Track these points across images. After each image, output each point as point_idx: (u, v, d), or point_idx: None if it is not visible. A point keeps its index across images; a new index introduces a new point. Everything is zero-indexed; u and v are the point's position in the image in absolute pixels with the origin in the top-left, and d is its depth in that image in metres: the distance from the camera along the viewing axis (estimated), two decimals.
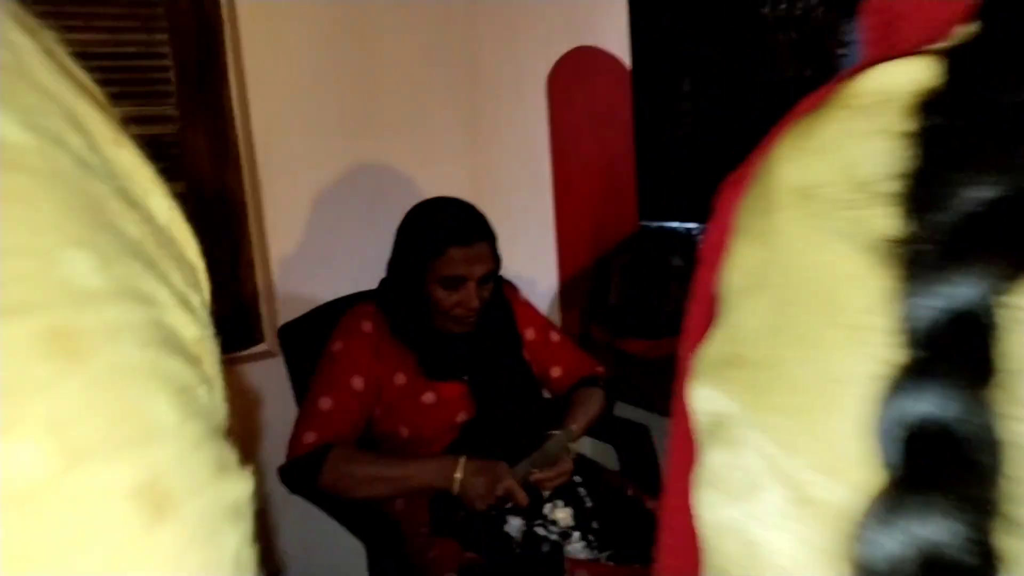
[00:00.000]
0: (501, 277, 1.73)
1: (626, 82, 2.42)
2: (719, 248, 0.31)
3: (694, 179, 4.58)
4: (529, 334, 1.80)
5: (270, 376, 1.88)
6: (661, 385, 1.97)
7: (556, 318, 2.28)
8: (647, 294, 2.13)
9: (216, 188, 1.91)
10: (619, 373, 2.07)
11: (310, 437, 1.52)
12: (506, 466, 1.51)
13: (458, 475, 1.49)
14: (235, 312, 1.96)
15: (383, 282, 1.71)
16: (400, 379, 1.62)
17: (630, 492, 1.66)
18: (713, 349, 0.30)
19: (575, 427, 1.64)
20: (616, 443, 1.82)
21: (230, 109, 1.89)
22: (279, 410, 1.76)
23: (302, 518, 1.84)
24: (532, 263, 2.25)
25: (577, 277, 2.33)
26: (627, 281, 2.15)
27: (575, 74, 2.28)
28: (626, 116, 2.44)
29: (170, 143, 1.86)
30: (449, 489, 1.50)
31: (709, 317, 0.32)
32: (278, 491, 1.57)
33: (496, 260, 1.63)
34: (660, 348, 2.08)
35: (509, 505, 1.50)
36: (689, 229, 2.42)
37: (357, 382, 1.58)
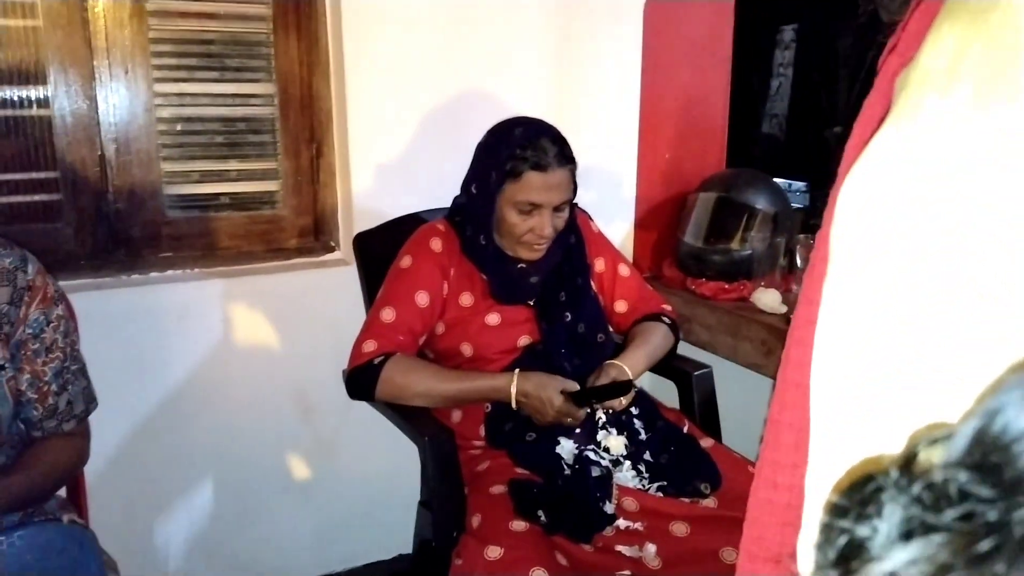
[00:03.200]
0: (575, 205, 1.71)
1: (729, 16, 2.32)
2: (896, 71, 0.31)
3: (790, 134, 4.41)
4: (599, 265, 1.78)
5: (343, 284, 1.92)
6: (729, 328, 1.94)
7: (629, 253, 2.25)
8: (726, 237, 2.07)
9: (304, 92, 1.93)
10: (687, 314, 2.03)
11: (370, 346, 1.56)
12: (560, 381, 1.52)
13: (513, 389, 1.50)
14: (313, 218, 2.01)
15: (456, 200, 1.71)
16: (466, 299, 1.63)
17: (685, 429, 1.64)
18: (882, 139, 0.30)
19: (636, 360, 1.63)
20: (677, 381, 1.80)
21: (323, 14, 1.89)
22: (350, 317, 1.79)
23: (363, 423, 1.91)
24: (610, 195, 2.21)
25: (654, 213, 2.28)
26: (707, 222, 2.09)
27: (672, 8, 2.19)
28: (724, 53, 2.34)
29: (261, 42, 1.88)
30: (506, 402, 1.52)
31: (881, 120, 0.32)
32: (342, 396, 1.61)
33: (573, 188, 1.60)
34: (731, 292, 2.03)
35: (569, 421, 1.51)
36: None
37: (421, 297, 1.59)
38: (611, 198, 2.22)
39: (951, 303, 0.23)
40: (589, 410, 1.56)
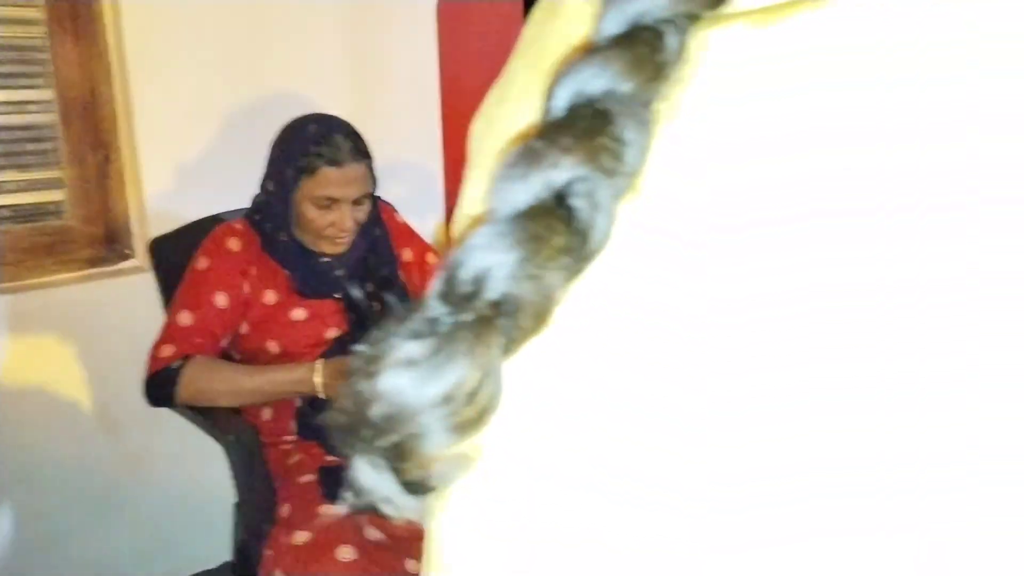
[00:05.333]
0: (378, 198, 1.75)
1: (519, 19, 2.44)
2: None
3: None
4: (406, 255, 1.84)
5: (141, 292, 1.86)
6: None
7: (440, 246, 2.32)
8: None
9: (86, 97, 1.86)
10: None
11: (167, 351, 1.53)
12: None
13: (318, 378, 1.52)
14: (105, 226, 1.94)
15: (256, 198, 1.71)
16: (270, 297, 1.63)
17: None
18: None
19: None
20: None
21: (101, 14, 1.84)
22: (151, 326, 1.74)
23: (175, 432, 1.86)
24: (419, 189, 2.27)
25: None
26: None
27: (465, 6, 2.29)
28: None
29: (37, 48, 1.80)
30: (313, 392, 1.53)
31: None
32: (149, 407, 1.57)
33: (372, 182, 1.64)
34: None
35: None
36: None
37: (220, 299, 1.58)
38: (420, 192, 2.28)
39: None
40: None
